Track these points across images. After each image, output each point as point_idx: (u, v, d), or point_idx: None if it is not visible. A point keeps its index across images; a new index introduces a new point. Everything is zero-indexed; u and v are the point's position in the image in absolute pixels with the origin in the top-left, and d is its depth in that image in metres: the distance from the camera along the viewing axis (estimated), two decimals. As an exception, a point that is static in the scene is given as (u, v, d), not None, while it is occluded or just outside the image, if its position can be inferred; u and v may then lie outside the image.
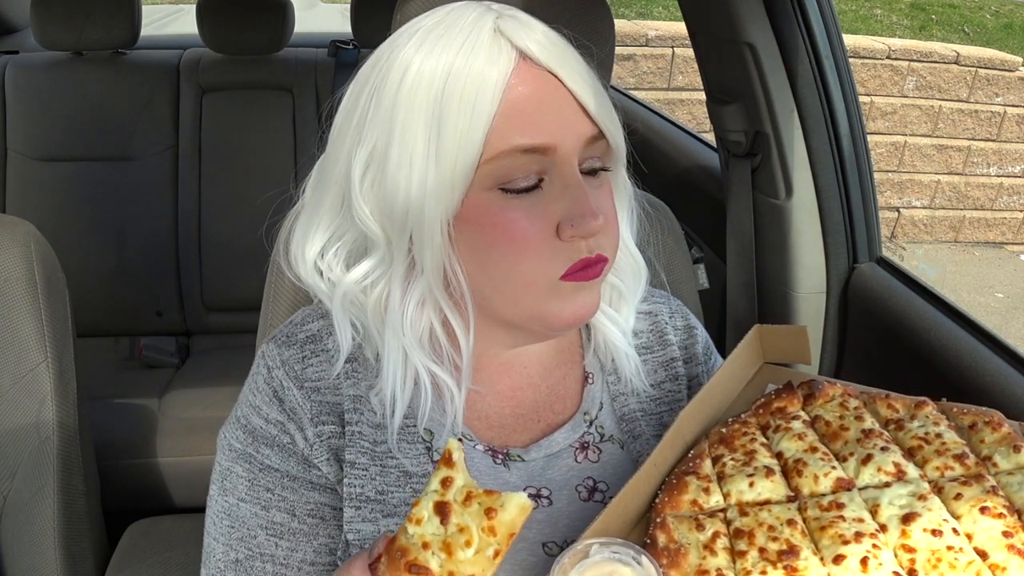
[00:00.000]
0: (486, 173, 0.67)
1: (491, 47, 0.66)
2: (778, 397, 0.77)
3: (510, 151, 0.66)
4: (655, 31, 4.61)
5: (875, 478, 0.66)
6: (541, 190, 0.68)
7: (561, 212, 0.68)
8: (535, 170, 0.68)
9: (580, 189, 0.68)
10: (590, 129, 0.69)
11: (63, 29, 2.18)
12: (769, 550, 0.61)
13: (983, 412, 0.71)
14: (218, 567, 0.76)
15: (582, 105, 0.68)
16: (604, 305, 0.81)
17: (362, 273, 0.74)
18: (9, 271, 1.13)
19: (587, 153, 0.70)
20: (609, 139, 0.71)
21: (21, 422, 1.15)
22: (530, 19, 0.70)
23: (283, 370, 0.76)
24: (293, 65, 2.33)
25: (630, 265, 0.82)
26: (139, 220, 2.29)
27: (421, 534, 0.51)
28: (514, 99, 0.65)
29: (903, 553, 0.59)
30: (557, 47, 0.68)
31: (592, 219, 0.67)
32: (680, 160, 1.93)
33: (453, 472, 0.53)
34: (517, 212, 0.67)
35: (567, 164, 0.68)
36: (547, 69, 0.67)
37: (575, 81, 0.68)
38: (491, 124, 0.65)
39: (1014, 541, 0.58)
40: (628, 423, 0.81)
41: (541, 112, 0.66)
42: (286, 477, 0.75)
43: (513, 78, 0.66)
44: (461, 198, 0.67)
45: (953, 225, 5.22)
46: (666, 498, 0.68)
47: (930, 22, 6.70)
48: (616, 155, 0.74)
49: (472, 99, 0.65)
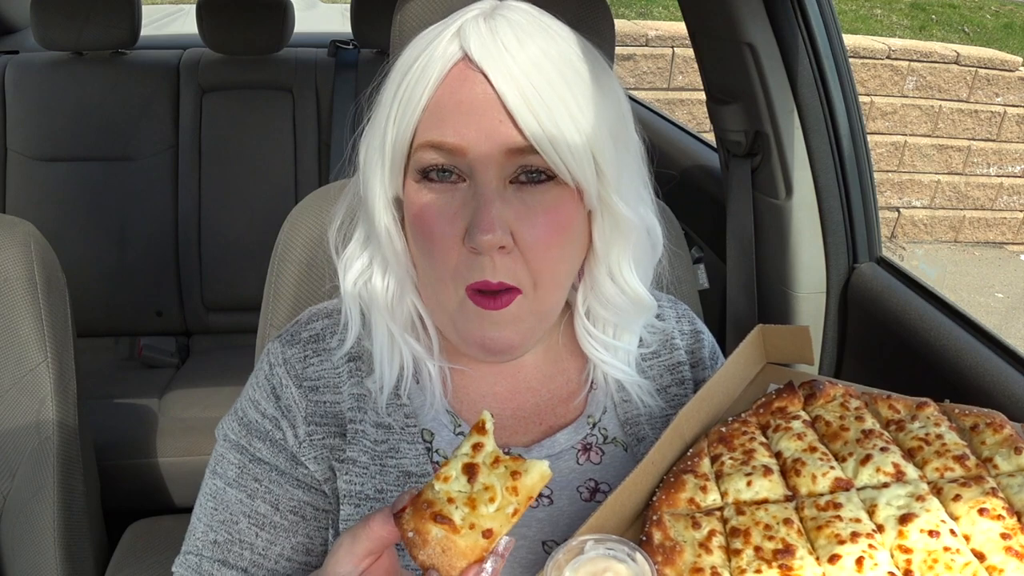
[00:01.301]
0: (414, 163, 0.68)
1: (446, 42, 0.67)
2: (779, 397, 0.77)
3: (426, 145, 0.67)
4: (655, 31, 4.61)
5: (874, 478, 0.66)
6: (459, 192, 0.67)
7: (467, 219, 0.66)
8: (450, 168, 0.67)
9: (484, 199, 0.65)
10: (515, 140, 0.65)
11: (63, 29, 2.18)
12: (765, 549, 0.61)
13: (985, 413, 0.71)
14: (196, 545, 0.77)
15: (511, 114, 0.64)
16: (604, 336, 0.79)
17: (369, 258, 0.76)
18: (9, 271, 1.14)
19: (516, 164, 0.66)
20: (546, 156, 0.65)
21: (21, 422, 1.15)
22: (519, 21, 0.67)
23: (284, 368, 0.77)
24: (293, 65, 2.34)
25: (629, 302, 0.76)
26: (139, 220, 2.29)
27: (447, 490, 0.55)
28: (441, 95, 0.66)
29: (899, 554, 0.59)
30: (506, 52, 0.65)
31: (483, 233, 0.64)
32: (680, 160, 1.93)
33: (484, 439, 0.57)
34: (431, 209, 0.68)
35: (482, 170, 0.66)
36: (481, 71, 0.65)
37: (510, 88, 0.64)
38: (420, 116, 0.67)
39: (1012, 543, 0.58)
40: (632, 426, 0.81)
41: (459, 112, 0.65)
42: (274, 471, 0.76)
43: (449, 76, 0.66)
44: (400, 182, 0.70)
45: (953, 225, 5.22)
46: (663, 496, 0.68)
47: (930, 22, 6.70)
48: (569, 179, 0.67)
49: (411, 89, 0.67)
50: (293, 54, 2.36)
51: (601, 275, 0.75)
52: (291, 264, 1.03)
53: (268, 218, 1.58)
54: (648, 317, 0.81)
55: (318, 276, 1.02)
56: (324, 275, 1.01)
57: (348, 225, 0.78)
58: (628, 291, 0.76)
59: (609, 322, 0.78)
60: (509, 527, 0.55)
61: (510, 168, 0.66)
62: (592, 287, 0.77)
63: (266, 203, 2.27)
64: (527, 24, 0.67)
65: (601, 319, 0.78)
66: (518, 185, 0.67)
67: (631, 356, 0.81)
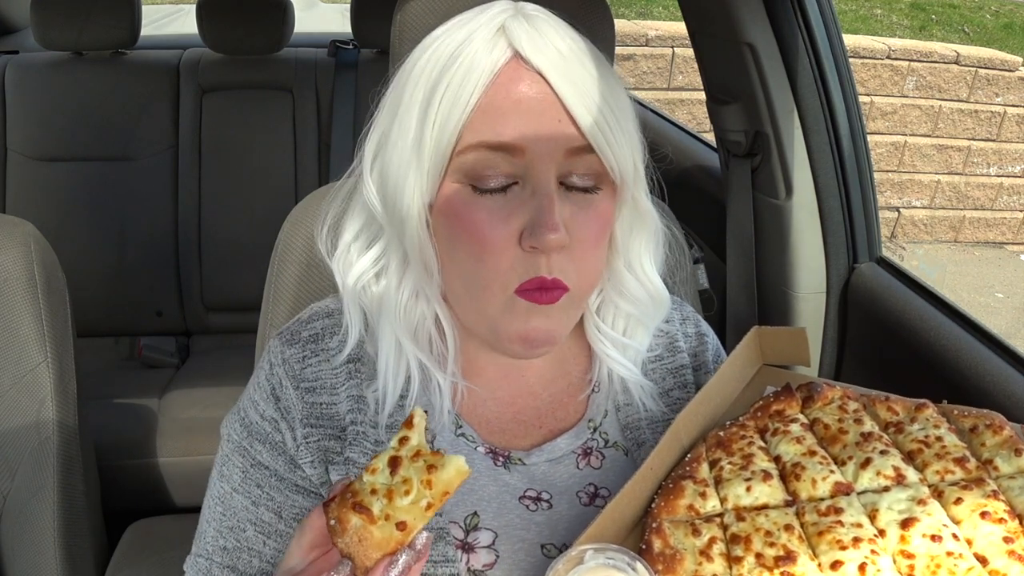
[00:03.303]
0: (458, 165, 0.67)
1: (490, 41, 0.66)
2: (776, 400, 0.76)
3: (479, 146, 0.65)
4: (655, 31, 4.61)
5: (874, 482, 0.65)
6: (511, 193, 0.67)
7: (524, 219, 0.66)
8: (506, 171, 0.66)
9: (547, 199, 0.65)
10: (575, 139, 0.65)
11: (63, 29, 2.18)
12: (766, 556, 0.60)
13: (984, 415, 0.71)
14: (207, 549, 0.77)
15: (570, 113, 0.65)
16: (615, 334, 0.79)
17: (371, 260, 0.75)
18: (9, 271, 1.13)
19: (570, 166, 0.67)
20: (601, 155, 0.66)
21: (21, 422, 1.15)
22: (549, 20, 0.68)
23: (283, 368, 0.77)
24: (293, 65, 2.33)
25: (648, 295, 0.78)
26: (139, 220, 2.29)
27: (372, 482, 0.56)
28: (495, 95, 0.65)
29: (902, 559, 0.59)
30: (557, 51, 0.65)
31: (550, 232, 0.64)
32: (680, 160, 1.93)
33: (410, 433, 0.58)
34: (482, 211, 0.67)
35: (540, 171, 0.66)
36: (537, 70, 0.65)
37: (567, 88, 0.65)
38: (469, 116, 0.65)
39: (1015, 547, 0.58)
40: (632, 430, 0.81)
41: (518, 112, 0.65)
42: (274, 476, 0.75)
43: (501, 75, 0.65)
44: (436, 186, 0.68)
45: (953, 225, 5.22)
46: (662, 503, 0.67)
47: (930, 22, 6.70)
48: (617, 177, 0.69)
49: (456, 89, 0.65)
50: (293, 54, 2.36)
51: (620, 267, 0.76)
52: (291, 264, 1.03)
53: (268, 218, 1.58)
54: (663, 314, 0.82)
55: (318, 276, 1.02)
56: (324, 275, 1.01)
57: (336, 225, 0.77)
58: (648, 284, 0.78)
59: (622, 315, 0.79)
60: (424, 521, 0.56)
61: (564, 168, 0.67)
62: (610, 278, 0.77)
63: (266, 203, 2.27)
64: (561, 25, 0.68)
65: (615, 312, 0.79)
66: (565, 187, 0.68)
67: (640, 356, 0.81)
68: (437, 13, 0.98)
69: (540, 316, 0.69)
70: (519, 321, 0.69)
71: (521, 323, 0.69)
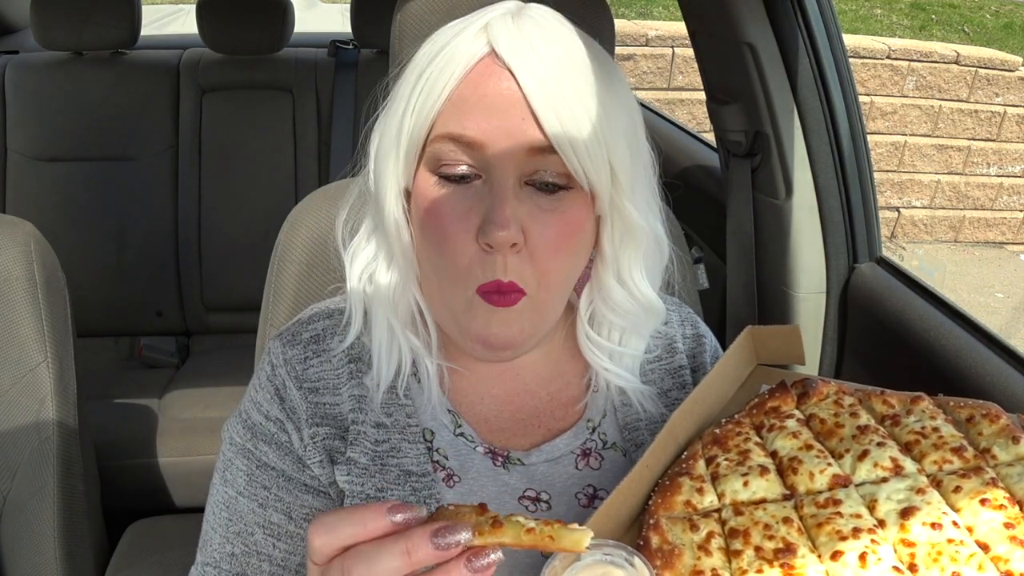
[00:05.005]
0: (429, 154, 0.68)
1: (473, 36, 0.67)
2: (772, 397, 0.76)
3: (445, 136, 0.66)
4: (655, 31, 4.61)
5: (872, 474, 0.65)
6: (473, 188, 0.67)
7: (481, 215, 0.65)
8: (467, 162, 0.66)
9: (500, 195, 0.65)
10: (537, 139, 0.64)
11: (63, 29, 2.18)
12: (765, 548, 0.60)
13: (980, 405, 0.71)
14: (214, 557, 0.76)
15: (535, 113, 0.64)
16: (609, 344, 0.78)
17: (373, 252, 0.76)
18: (9, 271, 1.14)
19: (536, 164, 0.66)
20: (564, 158, 0.65)
21: (21, 422, 1.15)
22: (542, 21, 0.67)
23: (285, 369, 0.77)
24: (293, 65, 2.33)
25: (640, 308, 0.76)
26: (139, 220, 2.29)
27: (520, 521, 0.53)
28: (465, 88, 0.66)
29: (903, 548, 0.59)
30: (531, 50, 0.65)
31: (499, 228, 0.63)
32: (680, 160, 1.93)
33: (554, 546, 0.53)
34: (447, 203, 0.67)
35: (499, 168, 0.65)
36: (506, 67, 0.65)
37: (535, 87, 0.64)
38: (441, 106, 0.66)
39: (1016, 532, 0.58)
40: (631, 432, 0.81)
41: (483, 107, 0.65)
42: (282, 477, 0.75)
43: (475, 70, 0.66)
44: (412, 173, 0.70)
45: (953, 225, 5.22)
46: (659, 499, 0.67)
47: (930, 22, 6.70)
48: (584, 181, 0.67)
49: (434, 79, 0.67)
50: (293, 54, 2.36)
51: (609, 280, 0.75)
52: (291, 264, 1.03)
53: (268, 218, 1.58)
54: (657, 323, 0.81)
55: (318, 276, 1.02)
56: (324, 275, 1.01)
57: (356, 218, 0.78)
58: (638, 296, 0.76)
59: (616, 327, 0.78)
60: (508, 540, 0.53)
61: (527, 167, 0.66)
62: (599, 291, 0.76)
63: (266, 203, 2.27)
64: (552, 27, 0.68)
65: (607, 324, 0.78)
66: (532, 188, 0.67)
67: (637, 361, 0.81)
68: (437, 13, 0.98)
69: (499, 322, 0.68)
70: (479, 322, 0.68)
71: (482, 325, 0.68)
